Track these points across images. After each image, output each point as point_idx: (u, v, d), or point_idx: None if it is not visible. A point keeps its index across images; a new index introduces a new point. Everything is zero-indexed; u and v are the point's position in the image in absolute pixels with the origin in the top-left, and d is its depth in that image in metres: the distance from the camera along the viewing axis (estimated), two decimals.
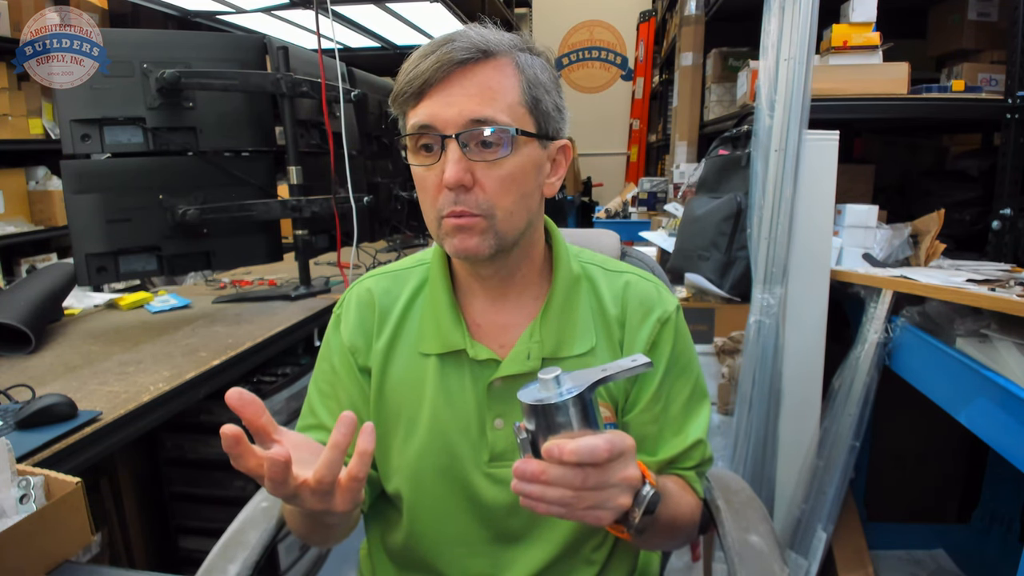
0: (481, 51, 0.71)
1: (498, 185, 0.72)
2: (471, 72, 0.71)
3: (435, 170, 0.72)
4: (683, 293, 1.94)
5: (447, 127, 0.70)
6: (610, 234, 1.14)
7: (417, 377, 0.82)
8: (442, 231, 0.74)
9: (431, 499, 0.82)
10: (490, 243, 0.73)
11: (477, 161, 0.71)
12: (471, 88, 0.71)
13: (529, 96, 0.73)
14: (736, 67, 2.64)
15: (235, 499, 1.61)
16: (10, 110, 2.94)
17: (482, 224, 0.73)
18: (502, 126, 0.71)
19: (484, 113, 0.70)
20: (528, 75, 0.74)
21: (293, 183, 1.84)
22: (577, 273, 0.84)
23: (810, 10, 1.63)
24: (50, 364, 1.36)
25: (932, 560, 2.06)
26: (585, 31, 6.60)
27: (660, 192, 3.86)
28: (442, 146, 0.71)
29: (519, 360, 0.79)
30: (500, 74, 0.72)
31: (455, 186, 0.71)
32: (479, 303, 0.83)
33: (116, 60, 1.48)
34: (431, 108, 0.71)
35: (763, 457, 1.79)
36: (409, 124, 0.73)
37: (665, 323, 0.83)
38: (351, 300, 0.87)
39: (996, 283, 1.33)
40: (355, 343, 0.84)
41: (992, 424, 1.21)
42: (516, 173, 0.73)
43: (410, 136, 0.73)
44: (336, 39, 1.88)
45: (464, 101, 0.70)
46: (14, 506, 0.76)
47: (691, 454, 0.83)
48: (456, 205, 0.72)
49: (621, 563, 0.90)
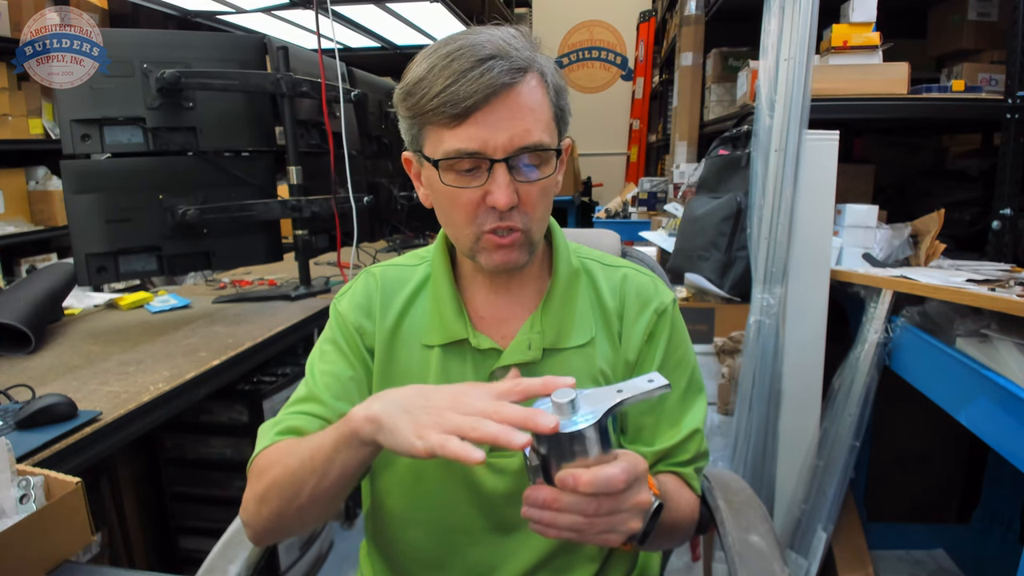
0: (521, 70, 0.70)
1: (537, 200, 0.74)
2: (514, 93, 0.70)
3: (478, 191, 0.72)
4: (683, 293, 1.94)
5: (496, 152, 0.70)
6: (610, 234, 1.14)
7: (421, 368, 0.83)
8: (480, 246, 0.76)
9: (432, 488, 0.83)
10: (527, 254, 0.77)
11: (522, 182, 0.72)
12: (516, 112, 0.70)
13: (556, 108, 0.75)
14: (736, 67, 2.64)
15: (235, 499, 1.60)
16: (10, 110, 2.94)
17: (521, 239, 0.75)
18: (547, 147, 0.72)
19: (532, 139, 0.71)
20: (553, 84, 0.74)
21: (293, 183, 1.84)
22: (576, 267, 0.86)
23: (810, 10, 1.63)
24: (50, 364, 1.36)
25: (932, 560, 2.06)
26: (585, 31, 6.60)
27: (660, 192, 3.86)
28: (489, 169, 0.71)
29: (520, 350, 0.81)
30: (536, 91, 0.72)
31: (507, 208, 0.71)
32: (482, 296, 0.85)
33: (116, 60, 1.48)
34: (478, 133, 0.69)
35: (763, 457, 1.79)
36: (447, 146, 0.71)
37: (662, 315, 0.85)
38: (357, 284, 0.88)
39: (996, 283, 1.33)
40: (360, 323, 0.84)
41: (992, 424, 1.21)
42: (550, 186, 0.76)
43: (445, 160, 0.72)
44: (336, 39, 1.88)
45: (513, 126, 0.70)
46: (14, 506, 0.76)
47: (687, 446, 0.84)
48: (503, 222, 0.73)
49: (621, 561, 0.90)
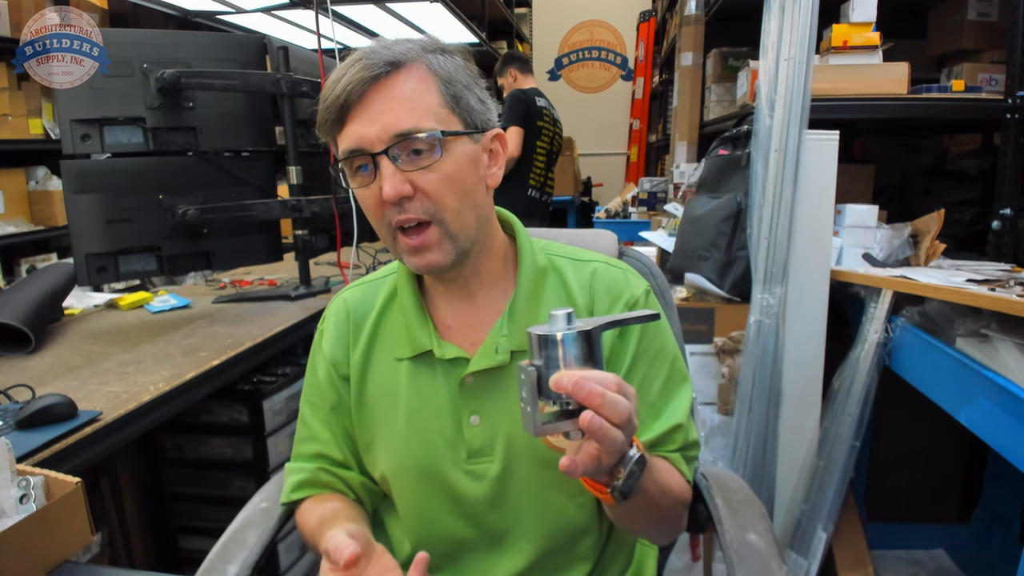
0: (390, 63, 0.72)
1: (438, 187, 0.73)
2: (385, 86, 0.72)
3: (374, 188, 0.73)
4: (683, 293, 1.94)
5: (374, 145, 0.72)
6: (607, 234, 1.14)
7: (392, 382, 0.84)
8: (400, 249, 0.76)
9: (415, 501, 0.84)
10: (448, 251, 0.75)
11: (412, 171, 0.72)
12: (389, 102, 0.71)
13: (448, 96, 0.74)
14: (736, 67, 2.64)
15: (235, 499, 1.61)
16: (10, 110, 2.94)
17: (435, 234, 0.74)
18: (426, 132, 0.72)
19: (406, 124, 0.71)
20: (442, 75, 0.74)
21: (293, 183, 1.84)
22: (543, 265, 0.85)
23: (810, 10, 1.63)
24: (50, 364, 1.36)
25: (932, 560, 2.06)
26: (585, 31, 6.60)
27: (660, 192, 3.86)
28: (375, 164, 0.72)
29: (488, 355, 0.80)
30: (414, 81, 0.73)
31: (395, 199, 0.72)
32: (447, 304, 0.84)
33: (116, 60, 1.47)
34: (355, 130, 0.72)
35: (763, 457, 1.79)
36: (340, 150, 0.74)
37: (633, 307, 0.84)
38: (329, 315, 0.90)
39: (996, 283, 1.33)
40: (335, 355, 0.87)
41: (992, 424, 1.21)
42: (453, 172, 0.74)
43: (344, 162, 0.74)
44: (336, 39, 1.88)
45: (385, 116, 0.71)
46: (14, 506, 0.76)
47: (672, 437, 0.83)
48: (401, 214, 0.73)
49: (615, 560, 0.90)
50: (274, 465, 1.65)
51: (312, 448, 0.88)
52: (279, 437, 1.67)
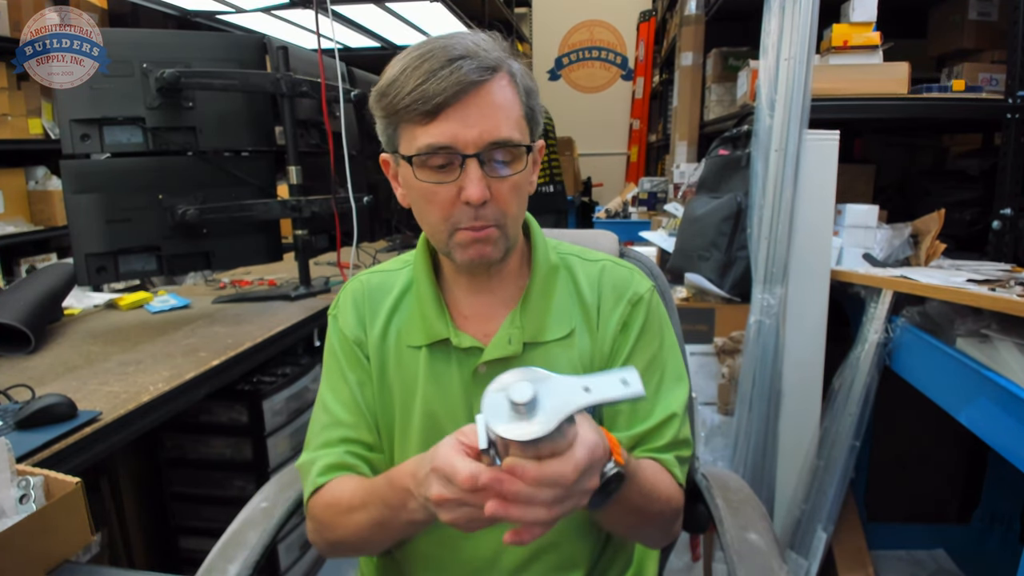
0: (490, 69, 0.73)
1: (508, 195, 0.76)
2: (484, 91, 0.73)
3: (451, 187, 0.74)
4: (683, 293, 1.94)
5: (467, 147, 0.73)
6: (608, 235, 1.14)
7: (410, 370, 0.85)
8: (454, 242, 0.77)
9: None
10: (501, 249, 0.79)
11: (493, 177, 0.74)
12: (486, 108, 0.73)
13: (527, 108, 0.77)
14: (736, 67, 2.64)
15: (235, 499, 1.61)
16: (10, 110, 2.94)
17: (495, 233, 0.77)
18: (517, 144, 0.75)
19: (504, 133, 0.74)
20: (522, 86, 0.77)
21: (293, 183, 1.84)
22: (555, 263, 0.87)
23: (810, 10, 1.63)
24: (50, 364, 1.36)
25: (932, 560, 2.06)
26: (585, 31, 6.60)
27: (660, 192, 3.86)
28: (461, 164, 0.73)
29: (501, 345, 0.82)
30: (506, 90, 0.75)
31: (479, 202, 0.73)
32: (464, 296, 0.86)
33: (116, 60, 1.47)
34: (449, 129, 0.72)
35: (763, 457, 1.79)
36: (420, 142, 0.74)
37: (636, 304, 0.86)
38: (346, 296, 0.90)
39: (996, 283, 1.33)
40: (357, 335, 0.87)
41: (992, 424, 1.21)
42: (521, 182, 0.77)
43: (419, 155, 0.74)
44: (336, 39, 1.88)
45: (483, 122, 0.73)
46: (14, 506, 0.76)
47: (663, 431, 0.82)
48: (477, 220, 0.75)
49: (615, 559, 0.90)
50: (274, 465, 1.65)
51: (337, 433, 0.85)
52: (279, 437, 1.67)
